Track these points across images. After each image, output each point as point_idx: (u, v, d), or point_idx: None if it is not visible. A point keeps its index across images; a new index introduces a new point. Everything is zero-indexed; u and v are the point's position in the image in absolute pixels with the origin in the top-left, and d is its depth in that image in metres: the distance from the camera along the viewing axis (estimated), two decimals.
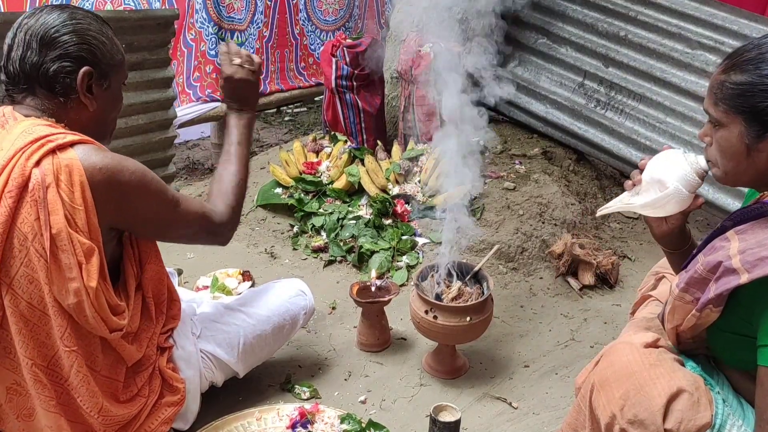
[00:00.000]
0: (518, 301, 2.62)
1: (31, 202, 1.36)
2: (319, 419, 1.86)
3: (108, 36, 1.52)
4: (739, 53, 1.25)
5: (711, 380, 1.35)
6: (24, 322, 1.41)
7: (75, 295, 1.40)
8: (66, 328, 1.44)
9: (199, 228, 1.67)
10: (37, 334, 1.43)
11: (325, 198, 3.10)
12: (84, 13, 1.49)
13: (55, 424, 1.50)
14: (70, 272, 1.39)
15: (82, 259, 1.40)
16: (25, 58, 1.42)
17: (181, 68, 4.00)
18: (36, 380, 1.45)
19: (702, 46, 2.98)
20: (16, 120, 1.43)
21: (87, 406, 1.51)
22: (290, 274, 2.77)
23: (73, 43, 1.43)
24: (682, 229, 1.49)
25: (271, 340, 1.96)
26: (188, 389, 1.74)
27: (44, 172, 1.36)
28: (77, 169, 1.38)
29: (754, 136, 1.22)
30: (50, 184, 1.36)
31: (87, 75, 1.45)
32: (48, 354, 1.45)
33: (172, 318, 1.75)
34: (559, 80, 3.49)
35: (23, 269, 1.38)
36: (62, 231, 1.37)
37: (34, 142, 1.37)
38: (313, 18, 4.78)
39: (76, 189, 1.38)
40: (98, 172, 1.40)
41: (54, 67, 1.42)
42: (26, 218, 1.36)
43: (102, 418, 1.54)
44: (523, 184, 3.12)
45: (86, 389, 1.50)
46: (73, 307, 1.41)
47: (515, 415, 2.02)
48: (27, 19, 1.45)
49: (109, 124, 1.61)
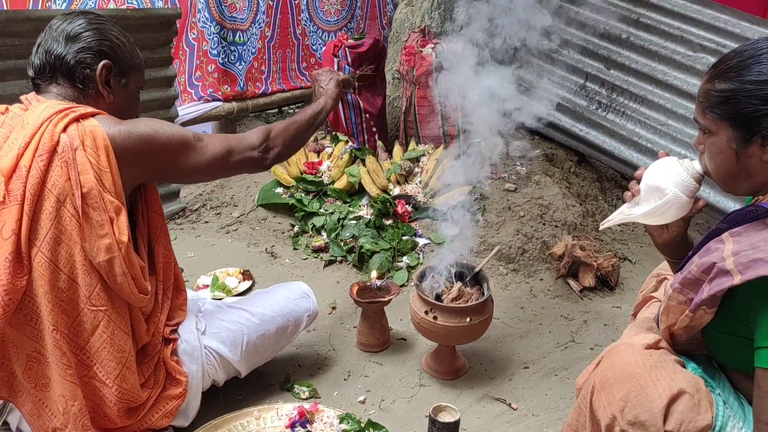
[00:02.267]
0: (518, 303, 2.62)
1: (60, 164, 1.45)
2: (318, 419, 1.86)
3: (129, 40, 1.66)
4: (722, 62, 1.29)
5: (712, 382, 1.35)
6: (51, 286, 1.47)
7: (107, 251, 1.49)
8: (95, 288, 1.51)
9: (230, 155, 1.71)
10: (60, 299, 1.49)
11: (326, 198, 3.10)
12: (108, 19, 1.65)
13: (71, 393, 1.54)
14: (102, 229, 1.48)
15: (113, 215, 1.50)
16: (50, 51, 1.55)
17: (182, 67, 4.00)
18: (56, 346, 1.51)
19: (704, 49, 2.98)
20: (39, 102, 1.55)
21: (103, 373, 1.56)
22: (290, 273, 2.77)
23: (96, 39, 1.57)
24: (683, 237, 1.49)
25: (274, 340, 1.97)
26: (190, 384, 1.76)
27: (72, 137, 1.46)
28: (100, 134, 1.49)
29: (741, 141, 1.25)
30: (78, 147, 1.46)
31: (106, 68, 1.58)
32: (68, 321, 1.52)
33: (178, 308, 1.80)
34: (561, 82, 3.49)
35: (53, 231, 1.46)
36: (93, 189, 1.47)
37: (60, 113, 1.49)
38: (315, 18, 4.78)
39: (101, 152, 1.48)
40: (118, 135, 1.51)
41: (76, 58, 1.55)
42: (57, 180, 1.45)
43: (117, 387, 1.58)
44: (524, 185, 3.12)
45: (108, 352, 1.56)
46: (104, 265, 1.49)
47: (515, 416, 2.02)
48: (57, 21, 1.59)
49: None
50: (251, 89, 4.38)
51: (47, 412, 1.58)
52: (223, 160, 1.70)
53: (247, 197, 3.28)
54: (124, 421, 1.64)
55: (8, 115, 1.56)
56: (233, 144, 1.73)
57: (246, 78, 4.32)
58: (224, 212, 3.24)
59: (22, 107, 1.56)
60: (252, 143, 1.76)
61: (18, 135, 1.48)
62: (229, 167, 1.75)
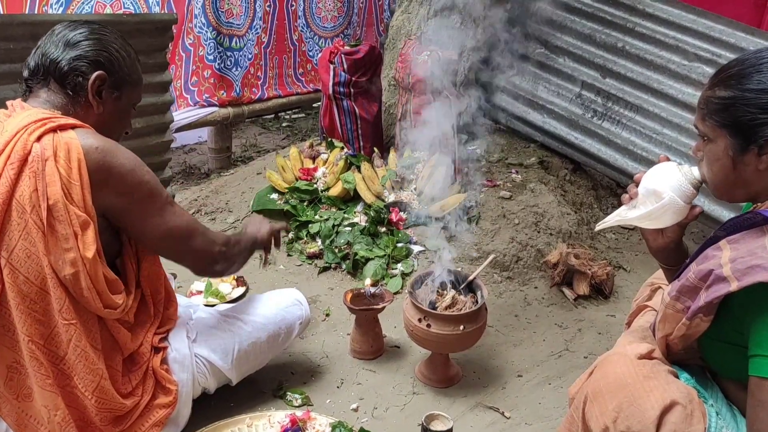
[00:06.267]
0: (512, 311, 2.61)
1: (30, 174, 1.43)
2: (311, 427, 1.85)
3: (130, 55, 1.63)
4: (724, 70, 1.30)
5: (705, 392, 1.35)
6: (22, 297, 1.45)
7: (72, 266, 1.46)
8: (65, 301, 1.49)
9: (190, 237, 1.66)
10: (34, 310, 1.47)
11: (321, 205, 3.09)
12: (113, 31, 1.62)
13: (52, 403, 1.52)
14: (66, 242, 1.45)
15: (77, 230, 1.46)
16: (47, 54, 1.54)
17: (179, 72, 4.00)
18: (32, 357, 1.49)
19: (699, 59, 2.99)
20: (23, 109, 1.53)
21: (83, 385, 1.54)
22: (285, 280, 2.76)
23: (94, 48, 1.55)
24: (678, 243, 1.49)
25: (266, 348, 1.96)
26: (181, 392, 1.74)
27: (44, 147, 1.44)
28: (75, 148, 1.45)
29: (738, 149, 1.25)
30: (49, 158, 1.43)
31: (99, 78, 1.55)
32: (45, 332, 1.49)
33: (168, 318, 1.78)
34: (557, 90, 3.50)
35: (21, 242, 1.44)
36: (59, 202, 1.43)
37: (38, 122, 1.46)
38: (312, 24, 4.78)
39: (74, 166, 1.45)
40: (95, 152, 1.47)
41: (71, 65, 1.53)
42: (25, 190, 1.43)
43: (96, 399, 1.56)
44: (519, 193, 3.11)
45: (84, 365, 1.53)
46: (69, 279, 1.46)
47: (508, 425, 2.01)
48: (61, 27, 1.58)
49: (111, 135, 1.62)
50: (247, 95, 4.39)
51: (33, 422, 1.56)
52: (183, 237, 1.64)
53: (242, 203, 3.27)
54: (111, 429, 1.62)
55: None
56: (200, 229, 1.69)
57: (242, 83, 4.33)
58: (219, 218, 3.22)
59: (6, 113, 1.54)
60: (215, 239, 1.73)
61: None
62: (183, 249, 1.68)
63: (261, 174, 3.42)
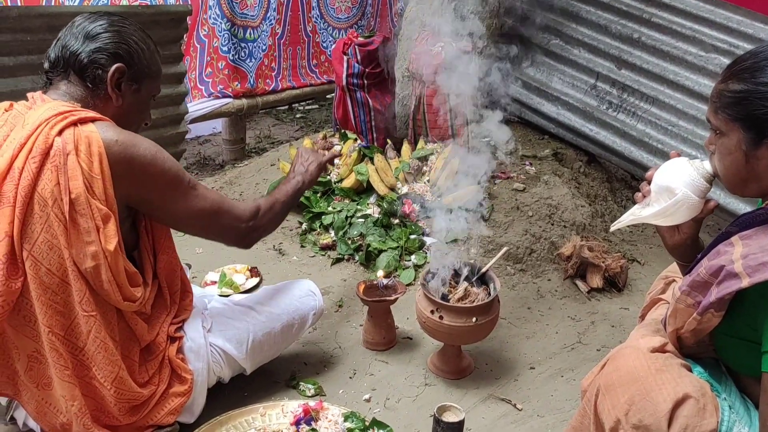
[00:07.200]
0: (525, 303, 2.61)
1: (51, 168, 1.44)
2: (323, 416, 1.86)
3: (150, 48, 1.63)
4: (737, 63, 1.28)
5: (718, 386, 1.34)
6: (43, 289, 1.47)
7: (93, 259, 1.47)
8: (85, 293, 1.50)
9: (217, 217, 1.69)
10: (55, 302, 1.49)
11: (334, 196, 3.10)
12: (133, 23, 1.63)
13: (69, 393, 1.55)
14: (89, 236, 1.47)
15: (99, 224, 1.47)
16: (67, 46, 1.55)
17: (193, 64, 4.02)
18: (52, 348, 1.51)
19: (716, 50, 2.96)
20: (43, 101, 1.53)
21: (101, 375, 1.56)
22: (298, 271, 2.78)
23: (113, 41, 1.55)
24: (694, 239, 1.48)
25: (280, 338, 1.97)
26: (196, 381, 1.76)
27: (65, 141, 1.45)
28: (96, 141, 1.46)
29: (751, 143, 1.24)
30: (70, 152, 1.44)
31: (119, 71, 1.56)
32: (65, 323, 1.52)
33: (184, 309, 1.80)
34: (572, 81, 3.47)
35: (44, 235, 1.45)
36: (81, 195, 1.44)
37: (58, 115, 1.47)
38: (326, 15, 4.78)
39: (95, 159, 1.46)
40: (115, 144, 1.48)
41: (90, 57, 1.53)
42: (47, 184, 1.44)
43: (115, 389, 1.59)
44: (533, 185, 3.10)
45: (103, 356, 1.55)
46: (90, 272, 1.48)
47: (519, 416, 2.02)
48: (81, 19, 1.59)
49: (130, 127, 1.63)
50: (261, 86, 4.39)
51: (52, 409, 1.59)
52: (209, 217, 1.67)
53: (256, 194, 3.29)
54: (129, 418, 1.65)
55: (11, 112, 1.55)
56: (225, 207, 1.71)
57: (256, 75, 4.33)
58: None
59: (27, 105, 1.55)
60: (241, 215, 1.74)
61: (17, 134, 1.47)
62: (211, 229, 1.72)
63: (275, 165, 3.44)
